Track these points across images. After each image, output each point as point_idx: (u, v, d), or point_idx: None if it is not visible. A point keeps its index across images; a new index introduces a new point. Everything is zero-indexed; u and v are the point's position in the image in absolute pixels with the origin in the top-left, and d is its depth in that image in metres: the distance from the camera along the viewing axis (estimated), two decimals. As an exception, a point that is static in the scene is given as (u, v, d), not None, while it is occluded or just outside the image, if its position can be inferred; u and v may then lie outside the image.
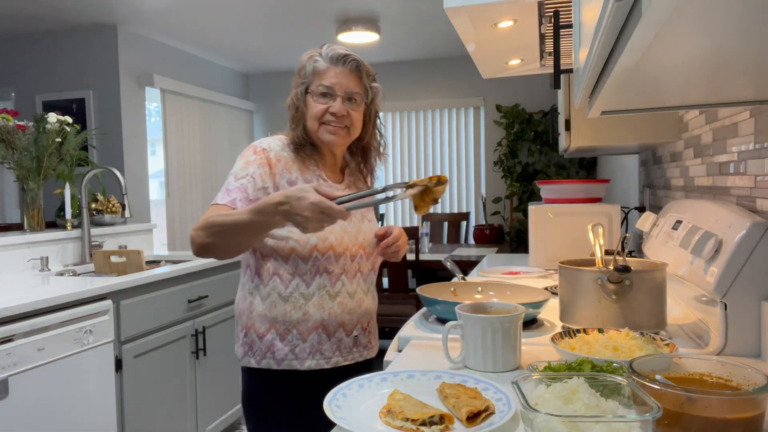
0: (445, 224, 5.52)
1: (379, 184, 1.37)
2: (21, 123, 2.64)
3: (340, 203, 1.10)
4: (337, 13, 4.26)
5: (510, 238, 5.30)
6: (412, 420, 0.79)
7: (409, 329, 1.35)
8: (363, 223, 1.47)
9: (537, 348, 1.15)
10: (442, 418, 0.80)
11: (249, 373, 1.42)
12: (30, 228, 2.72)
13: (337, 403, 0.86)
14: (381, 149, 1.54)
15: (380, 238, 1.45)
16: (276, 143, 1.41)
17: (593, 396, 0.70)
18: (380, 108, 1.52)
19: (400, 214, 5.99)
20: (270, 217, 1.16)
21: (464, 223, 5.49)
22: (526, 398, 0.68)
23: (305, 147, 1.41)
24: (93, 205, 3.04)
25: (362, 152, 1.53)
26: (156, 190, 5.44)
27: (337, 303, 1.37)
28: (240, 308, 1.44)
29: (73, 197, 2.91)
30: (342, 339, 1.40)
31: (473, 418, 0.80)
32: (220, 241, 1.25)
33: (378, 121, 1.53)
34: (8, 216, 4.68)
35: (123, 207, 3.08)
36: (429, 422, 0.79)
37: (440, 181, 1.17)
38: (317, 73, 1.39)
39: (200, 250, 1.27)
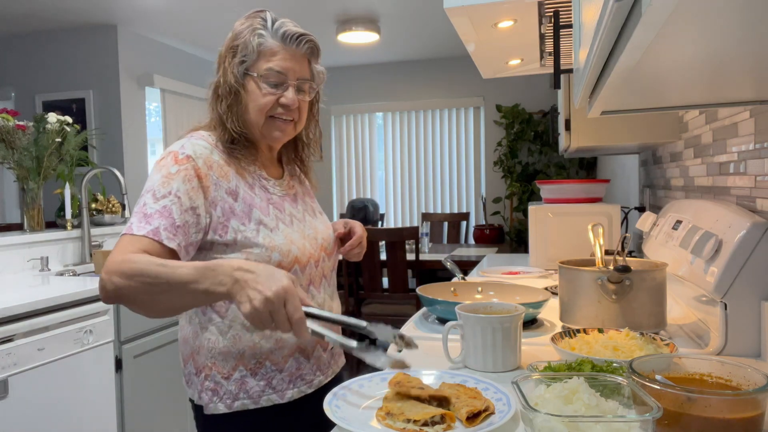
0: (445, 224, 5.52)
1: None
2: (21, 123, 2.64)
3: (307, 315, 0.90)
4: (337, 13, 4.26)
5: (510, 238, 5.30)
6: (414, 421, 0.79)
7: (408, 329, 1.35)
8: (316, 219, 1.28)
9: (537, 348, 1.15)
10: (443, 417, 0.80)
11: (216, 422, 1.13)
12: (30, 228, 2.72)
13: (336, 403, 0.86)
14: (317, 143, 1.31)
15: (342, 238, 1.32)
16: (202, 146, 1.13)
17: (593, 396, 0.70)
18: (322, 95, 1.29)
19: (400, 214, 6.00)
20: (217, 280, 0.90)
21: (464, 223, 5.49)
22: (526, 398, 0.68)
23: (239, 143, 1.16)
24: (93, 205, 3.04)
25: (294, 144, 1.31)
26: (156, 190, 5.43)
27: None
28: (190, 347, 1.16)
29: (73, 197, 2.91)
30: (321, 356, 1.21)
31: (473, 418, 0.80)
32: (147, 297, 0.95)
33: (317, 109, 1.29)
34: (8, 216, 4.68)
35: (123, 207, 3.08)
36: (431, 422, 0.79)
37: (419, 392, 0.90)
38: (264, 52, 1.13)
39: (113, 299, 0.97)
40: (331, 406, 0.84)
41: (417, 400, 0.85)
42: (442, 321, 1.37)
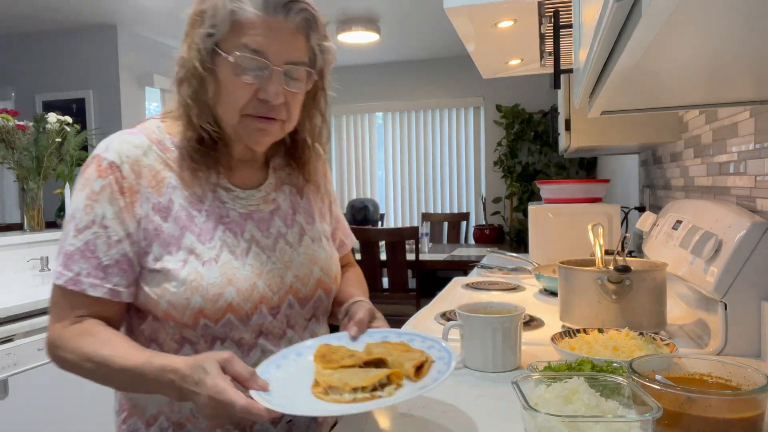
0: (445, 224, 5.52)
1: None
2: (21, 123, 2.64)
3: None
4: (337, 13, 4.26)
5: (510, 238, 5.30)
6: (362, 388, 0.74)
7: (408, 329, 1.34)
8: (297, 248, 0.95)
9: (537, 348, 1.15)
10: (389, 378, 0.76)
11: None
12: (30, 228, 2.72)
13: (263, 393, 0.73)
14: (327, 139, 0.99)
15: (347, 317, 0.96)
16: (133, 144, 0.86)
17: (593, 396, 0.70)
18: (329, 83, 0.94)
19: (400, 214, 6.00)
20: (160, 389, 0.77)
21: (464, 223, 5.49)
22: (526, 398, 0.68)
23: (203, 138, 0.87)
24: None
25: (293, 145, 0.99)
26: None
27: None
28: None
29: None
30: (267, 430, 0.90)
31: (418, 370, 0.79)
32: (91, 377, 0.84)
33: (324, 101, 0.95)
34: (8, 216, 4.68)
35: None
36: (380, 385, 0.75)
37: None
38: (239, 23, 0.81)
39: (61, 368, 0.87)
40: (261, 397, 0.71)
41: (352, 369, 0.79)
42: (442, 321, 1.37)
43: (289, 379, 0.79)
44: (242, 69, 0.82)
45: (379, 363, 0.81)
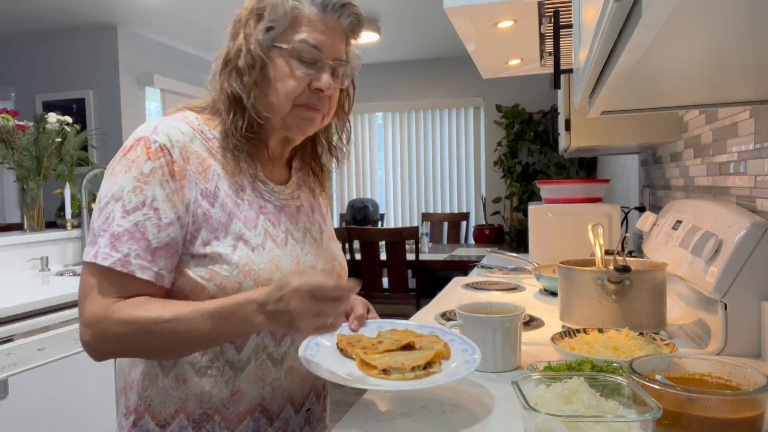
0: (445, 224, 5.52)
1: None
2: (21, 123, 2.65)
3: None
4: (337, 13, 4.26)
5: (510, 238, 5.30)
6: (418, 367, 0.84)
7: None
8: (320, 244, 1.02)
9: (537, 348, 1.14)
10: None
11: None
12: (30, 228, 2.72)
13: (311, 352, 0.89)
14: (347, 139, 1.06)
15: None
16: (179, 130, 0.89)
17: (593, 396, 0.70)
18: (356, 86, 1.04)
19: (400, 214, 6.00)
20: (245, 324, 0.79)
21: (464, 223, 5.49)
22: (526, 398, 0.68)
23: (245, 133, 0.91)
24: (93, 205, 3.03)
25: (313, 144, 1.05)
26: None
27: (284, 370, 0.92)
28: (124, 380, 0.94)
29: (73, 197, 2.91)
30: (290, 419, 0.94)
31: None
32: (146, 352, 0.85)
33: (348, 104, 1.03)
34: (8, 216, 4.68)
35: (123, 207, 3.08)
36: (427, 364, 0.85)
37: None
38: (298, 20, 0.89)
39: (103, 356, 0.84)
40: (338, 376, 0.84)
41: (395, 352, 0.90)
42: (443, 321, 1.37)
43: (327, 363, 0.88)
44: (299, 61, 0.89)
45: (407, 347, 0.90)
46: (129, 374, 0.92)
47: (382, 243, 3.70)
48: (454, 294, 1.75)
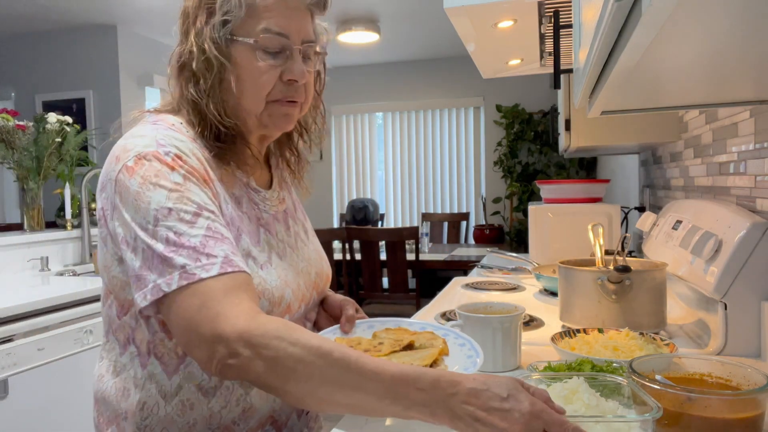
0: (445, 224, 5.52)
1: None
2: (21, 123, 2.64)
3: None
4: (337, 13, 4.26)
5: (510, 238, 5.30)
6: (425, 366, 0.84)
7: (409, 329, 1.34)
8: (308, 244, 0.97)
9: (537, 348, 1.14)
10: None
11: None
12: (30, 228, 2.72)
13: None
14: (320, 131, 0.98)
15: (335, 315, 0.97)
16: (177, 138, 0.79)
17: (593, 396, 0.70)
18: (326, 64, 0.94)
19: (400, 214, 6.00)
20: (426, 406, 0.61)
21: (464, 223, 5.49)
22: None
23: (220, 136, 0.82)
24: (93, 205, 3.03)
25: (287, 133, 0.96)
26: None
27: None
28: (113, 409, 0.86)
29: (73, 197, 2.91)
30: (294, 426, 0.91)
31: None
32: (305, 389, 0.65)
33: (321, 86, 0.94)
34: (8, 216, 4.68)
35: (123, 207, 3.08)
36: (433, 363, 0.84)
37: None
38: (254, 6, 0.79)
39: (251, 376, 0.67)
40: None
41: (395, 353, 0.89)
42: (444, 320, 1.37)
43: None
44: (265, 52, 0.80)
45: (409, 347, 0.89)
46: (119, 405, 0.84)
47: (382, 243, 3.70)
48: (454, 294, 1.75)
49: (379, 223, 5.23)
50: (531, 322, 1.35)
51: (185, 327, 0.69)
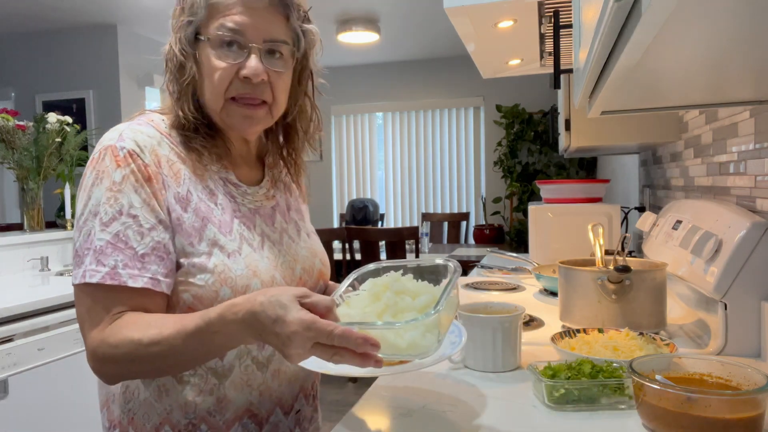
0: (445, 224, 5.52)
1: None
2: (21, 123, 2.65)
3: (348, 325, 0.66)
4: (337, 13, 4.26)
5: (510, 238, 5.30)
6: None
7: (409, 329, 1.34)
8: (299, 242, 0.98)
9: (537, 348, 1.14)
10: None
11: None
12: (30, 228, 2.72)
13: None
14: (316, 128, 0.98)
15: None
16: (146, 134, 0.85)
17: (401, 295, 0.72)
18: (316, 64, 0.96)
19: (400, 214, 6.00)
20: (232, 340, 0.72)
21: (464, 223, 5.49)
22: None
23: (198, 131, 0.87)
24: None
25: (285, 131, 0.99)
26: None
27: (270, 374, 0.88)
28: (105, 392, 0.91)
29: (73, 197, 2.91)
30: (280, 422, 0.91)
31: None
32: (144, 374, 0.81)
33: (311, 86, 0.96)
34: (8, 216, 4.68)
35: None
36: None
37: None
38: (215, 6, 0.83)
39: (113, 380, 0.81)
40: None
41: None
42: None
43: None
44: (221, 50, 0.83)
45: None
46: (110, 387, 0.88)
47: (382, 243, 3.70)
48: (454, 294, 1.75)
49: (379, 223, 5.23)
50: (531, 322, 1.35)
51: (79, 323, 0.80)
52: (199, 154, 0.87)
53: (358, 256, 3.79)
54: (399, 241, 3.61)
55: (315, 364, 0.74)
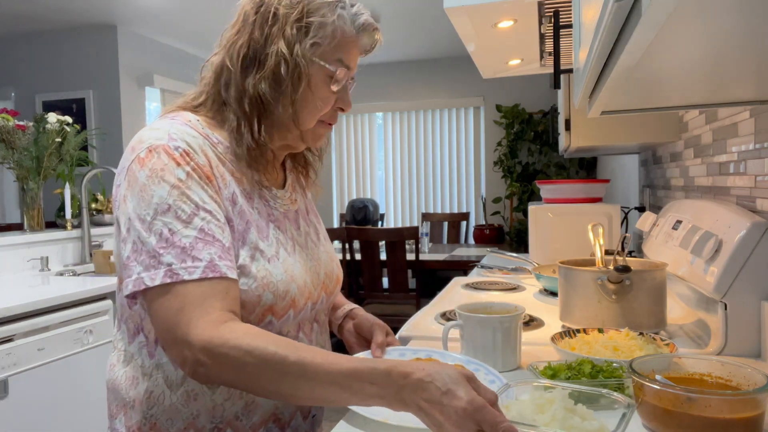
0: (445, 224, 5.52)
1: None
2: (21, 123, 2.64)
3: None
4: (337, 13, 4.26)
5: (510, 238, 5.31)
6: None
7: (409, 329, 1.34)
8: (319, 245, 1.00)
9: (537, 348, 1.14)
10: None
11: None
12: (30, 228, 2.72)
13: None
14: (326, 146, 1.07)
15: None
16: (189, 134, 0.83)
17: (566, 411, 0.69)
18: None
19: (400, 214, 6.00)
20: (379, 398, 0.67)
21: (464, 223, 5.49)
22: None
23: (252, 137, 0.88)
24: (93, 205, 3.04)
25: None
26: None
27: None
28: (122, 398, 0.86)
29: (73, 197, 2.91)
30: (299, 427, 0.92)
31: None
32: (259, 388, 0.73)
33: None
34: (8, 216, 4.68)
35: (123, 207, 3.08)
36: None
37: None
38: (340, 40, 0.87)
39: (216, 381, 0.75)
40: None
41: None
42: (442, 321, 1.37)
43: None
44: (335, 80, 0.88)
45: None
46: (128, 393, 0.85)
47: (382, 243, 3.70)
48: (454, 294, 1.75)
49: (379, 223, 5.23)
50: (531, 322, 1.35)
51: (163, 326, 0.74)
52: (237, 157, 0.87)
53: (358, 256, 3.80)
54: (399, 241, 3.61)
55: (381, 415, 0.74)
